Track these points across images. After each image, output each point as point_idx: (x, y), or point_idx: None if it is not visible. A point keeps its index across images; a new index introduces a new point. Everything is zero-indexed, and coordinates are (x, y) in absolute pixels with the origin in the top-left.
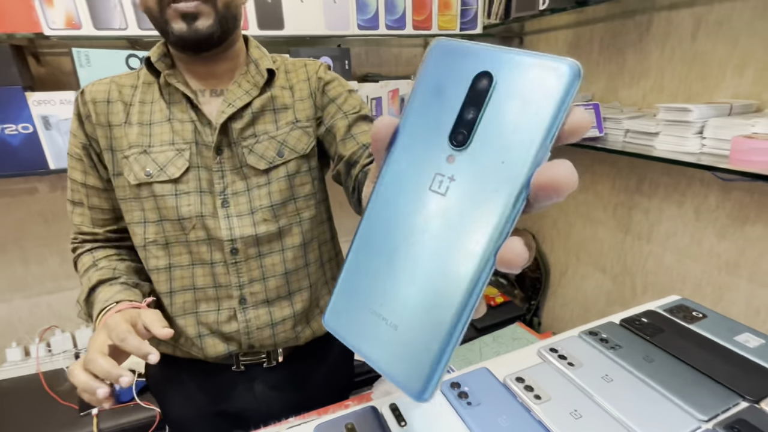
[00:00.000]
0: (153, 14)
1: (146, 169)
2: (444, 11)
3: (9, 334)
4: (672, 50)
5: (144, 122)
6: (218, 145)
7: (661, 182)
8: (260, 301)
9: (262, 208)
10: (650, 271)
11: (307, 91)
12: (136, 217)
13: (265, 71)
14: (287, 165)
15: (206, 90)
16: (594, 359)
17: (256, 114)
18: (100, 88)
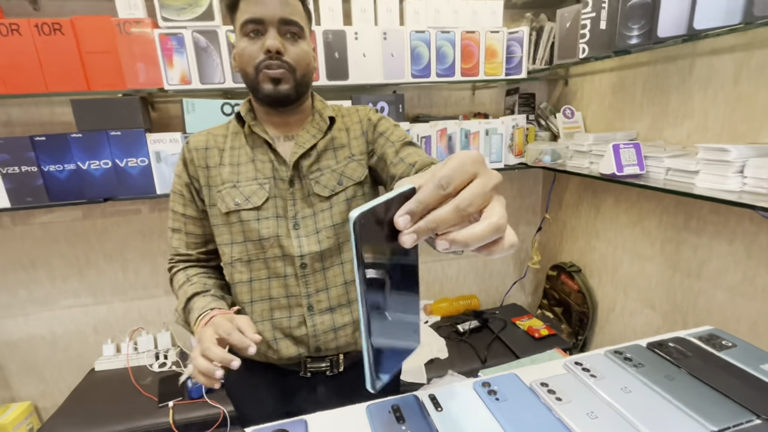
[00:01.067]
0: (248, 76)
1: (235, 199)
2: (490, 59)
3: (106, 332)
4: (715, 93)
5: (233, 163)
6: (291, 178)
7: (709, 220)
8: (324, 309)
9: (325, 227)
10: (702, 309)
11: (360, 130)
12: (225, 239)
13: (327, 119)
14: (346, 191)
15: (281, 136)
16: (615, 373)
17: (320, 153)
18: (200, 138)
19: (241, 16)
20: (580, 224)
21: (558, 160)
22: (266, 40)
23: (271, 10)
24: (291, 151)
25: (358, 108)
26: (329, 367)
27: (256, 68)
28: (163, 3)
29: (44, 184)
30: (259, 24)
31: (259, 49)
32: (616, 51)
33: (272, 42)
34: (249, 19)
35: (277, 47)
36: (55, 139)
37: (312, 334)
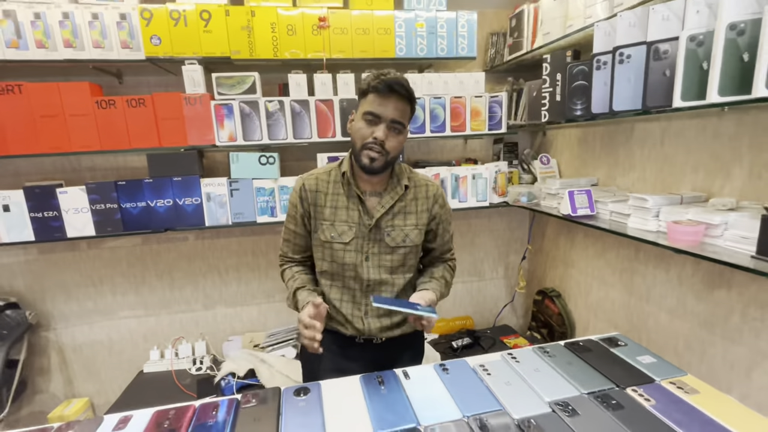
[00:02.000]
0: (356, 146)
1: (331, 234)
2: (475, 118)
3: (153, 340)
4: (649, 151)
5: (332, 206)
6: (370, 227)
7: (651, 253)
8: (374, 315)
9: (386, 266)
10: (651, 329)
11: (426, 206)
12: (318, 256)
13: (404, 187)
14: (406, 248)
15: (367, 191)
16: (533, 360)
17: (395, 213)
18: (311, 182)
19: (366, 105)
20: (559, 254)
21: (534, 201)
22: (377, 130)
23: (387, 111)
24: (376, 208)
25: (428, 183)
26: (375, 338)
27: (363, 145)
28: (219, 81)
29: (121, 218)
30: (376, 117)
31: (370, 134)
32: (567, 120)
33: (381, 134)
34: (371, 111)
35: (383, 139)
36: (133, 184)
37: (367, 329)
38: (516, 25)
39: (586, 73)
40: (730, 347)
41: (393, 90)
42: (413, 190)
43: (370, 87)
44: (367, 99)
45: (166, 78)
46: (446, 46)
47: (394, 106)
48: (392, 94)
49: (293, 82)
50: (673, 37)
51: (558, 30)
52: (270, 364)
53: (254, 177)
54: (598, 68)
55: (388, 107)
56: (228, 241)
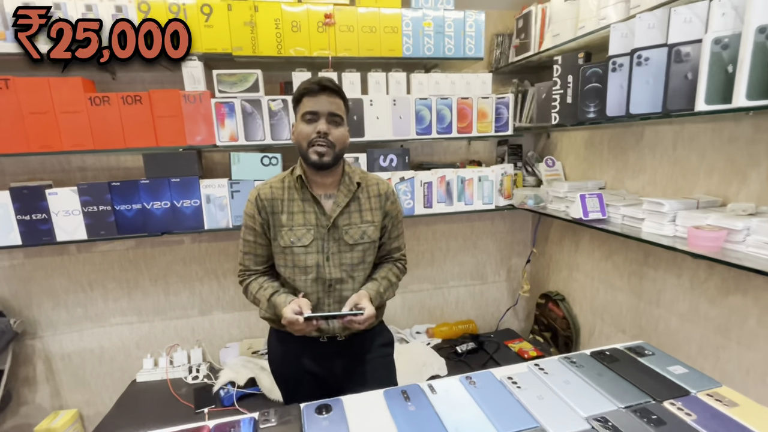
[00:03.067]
0: (302, 148)
1: (290, 239)
2: (482, 120)
3: (147, 348)
4: (660, 155)
5: (289, 212)
6: (329, 227)
7: (662, 257)
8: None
9: (346, 264)
10: (661, 333)
11: (379, 204)
12: (280, 263)
13: (356, 183)
14: (364, 244)
15: (322, 194)
16: (562, 371)
17: (351, 212)
18: (266, 190)
19: (302, 108)
20: (563, 258)
21: (540, 204)
22: (319, 124)
23: (323, 106)
24: (331, 208)
25: (378, 182)
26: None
27: (309, 143)
28: (220, 79)
29: (115, 220)
30: (314, 114)
31: (312, 131)
32: (579, 122)
33: (322, 126)
34: (309, 111)
35: (325, 130)
36: (127, 185)
37: (331, 328)
38: (523, 26)
39: (600, 75)
40: (746, 352)
41: (324, 87)
42: (365, 188)
43: (303, 91)
44: (303, 103)
45: (162, 74)
46: (453, 46)
47: (328, 101)
48: (324, 92)
49: (297, 80)
50: (696, 40)
51: (568, 32)
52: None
53: (256, 178)
54: (613, 70)
55: (322, 103)
56: (226, 245)
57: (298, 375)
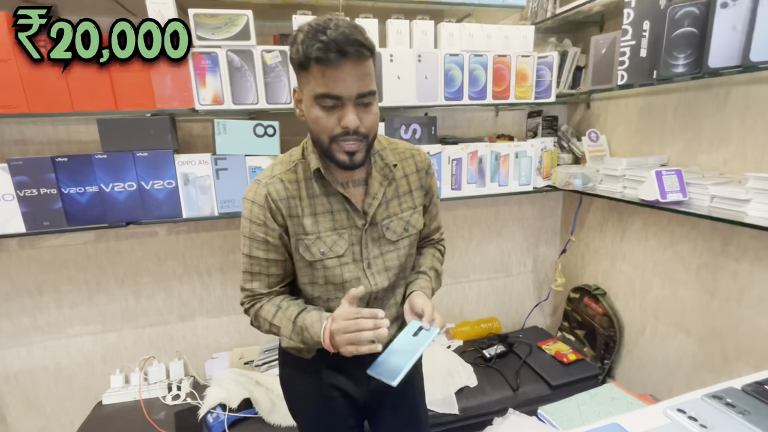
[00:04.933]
0: (321, 143)
1: (320, 249)
2: (521, 83)
3: (115, 362)
4: (753, 121)
5: (313, 213)
6: (366, 226)
7: (750, 246)
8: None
9: (393, 266)
10: (744, 336)
11: (418, 182)
12: (306, 280)
13: (392, 166)
14: (410, 237)
15: (348, 181)
16: (724, 422)
17: (389, 200)
18: (278, 187)
19: (315, 85)
20: (604, 246)
21: (588, 184)
22: (345, 116)
23: (349, 87)
24: (365, 201)
25: (413, 153)
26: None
27: (332, 138)
28: (198, 21)
29: (63, 208)
30: (336, 99)
31: (336, 123)
32: (660, 79)
33: (351, 121)
34: (326, 94)
35: (356, 125)
36: (78, 160)
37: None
38: None
39: (697, 16)
40: None
41: (347, 54)
42: (401, 164)
43: (312, 58)
44: (311, 74)
45: (120, 15)
46: None
47: (354, 75)
48: (347, 60)
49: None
50: None
51: None
52: (268, 387)
53: (248, 153)
54: (724, 6)
55: (346, 80)
56: (210, 236)
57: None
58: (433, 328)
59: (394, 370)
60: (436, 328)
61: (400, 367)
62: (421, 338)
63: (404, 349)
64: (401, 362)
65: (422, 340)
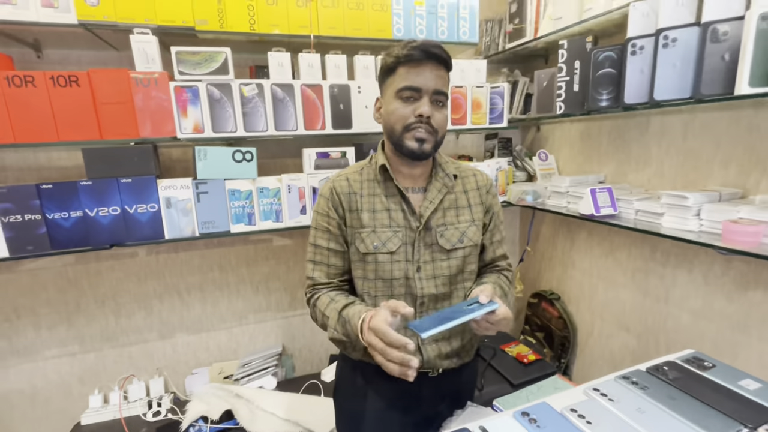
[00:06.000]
0: (395, 132)
1: (374, 243)
2: (476, 110)
3: (93, 382)
4: (668, 146)
5: (370, 209)
6: (420, 228)
7: (671, 252)
8: (432, 341)
9: (442, 275)
10: (671, 330)
11: (479, 198)
12: (359, 274)
13: (452, 176)
14: (464, 249)
15: (409, 187)
16: (628, 396)
17: (446, 209)
18: (342, 183)
19: (399, 81)
20: (557, 255)
21: (538, 199)
22: (421, 106)
23: (428, 81)
24: (422, 205)
25: (475, 173)
26: (431, 370)
27: (405, 127)
28: (180, 58)
29: (47, 232)
30: (415, 91)
31: (411, 112)
32: (588, 111)
33: (426, 109)
34: (408, 86)
35: (429, 114)
36: (62, 187)
37: (426, 359)
38: (517, 11)
39: (614, 60)
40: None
41: (431, 55)
42: (461, 180)
43: (402, 58)
44: (398, 74)
45: (105, 54)
46: (447, 29)
47: (435, 74)
48: (430, 61)
49: (274, 61)
50: (737, 17)
51: (572, 15)
52: (248, 399)
53: (227, 177)
54: (633, 53)
55: (427, 77)
56: (189, 255)
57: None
58: (492, 303)
59: (428, 327)
60: (495, 303)
61: (434, 325)
62: (473, 309)
63: (451, 314)
64: (439, 322)
65: (472, 310)
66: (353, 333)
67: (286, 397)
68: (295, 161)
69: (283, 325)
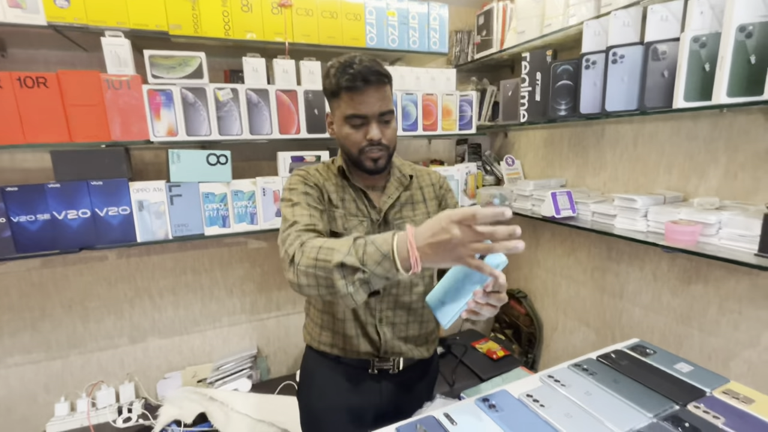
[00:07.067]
0: (351, 155)
1: (345, 225)
2: (446, 117)
3: (59, 390)
4: (621, 152)
5: (340, 198)
6: (379, 222)
7: (625, 251)
8: (389, 323)
9: None
10: (625, 324)
11: (433, 193)
12: None
13: (408, 176)
14: None
15: (369, 187)
16: (578, 382)
17: (402, 204)
18: (312, 172)
19: (345, 108)
20: (524, 255)
21: (505, 202)
22: (370, 131)
23: (372, 107)
24: (381, 201)
25: (429, 172)
26: (392, 366)
27: (360, 150)
28: (153, 62)
29: (12, 236)
30: (362, 118)
31: (363, 137)
32: (549, 120)
33: (376, 133)
34: (354, 114)
35: (379, 137)
36: (28, 189)
37: (383, 339)
38: (484, 23)
39: (571, 72)
40: (707, 339)
41: (370, 81)
42: (417, 179)
43: (342, 87)
44: (342, 100)
45: (73, 54)
46: (418, 39)
47: (376, 97)
48: (370, 86)
49: (249, 66)
50: (673, 38)
51: (534, 29)
52: (222, 402)
53: (201, 180)
54: (587, 68)
55: (370, 103)
56: (161, 258)
57: (333, 413)
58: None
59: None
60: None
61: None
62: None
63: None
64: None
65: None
66: (378, 252)
67: (261, 398)
68: (270, 164)
69: (258, 327)
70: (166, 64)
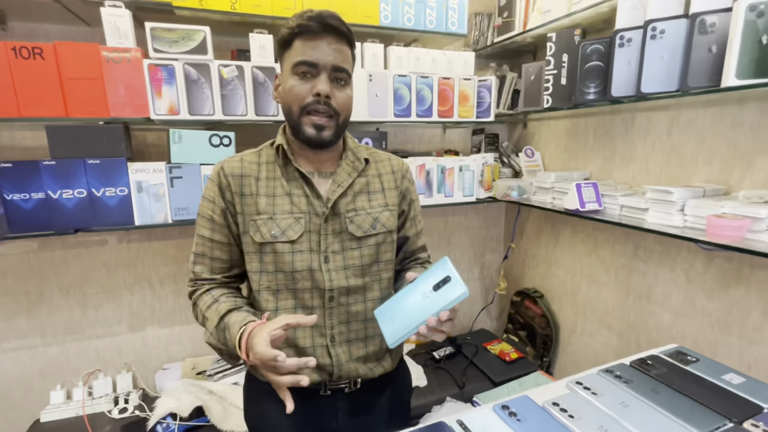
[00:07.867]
0: (292, 114)
1: (272, 231)
2: (463, 103)
3: (55, 377)
4: (653, 142)
5: (269, 194)
6: (326, 214)
7: (654, 249)
8: (344, 341)
9: (353, 266)
10: (652, 329)
11: (394, 183)
12: (255, 267)
13: (363, 160)
14: (377, 236)
15: (315, 172)
16: (611, 390)
17: (356, 193)
18: (234, 164)
19: (294, 55)
20: (541, 253)
21: (524, 195)
22: (318, 83)
23: (326, 56)
24: (329, 189)
25: (390, 157)
26: (348, 385)
27: (302, 108)
28: (155, 35)
29: (5, 214)
30: (312, 67)
31: (309, 91)
32: (575, 104)
33: (323, 87)
34: (303, 61)
35: (327, 92)
36: (22, 166)
37: (336, 363)
38: (506, 4)
39: (603, 52)
40: (748, 347)
41: (329, 27)
42: (375, 165)
43: (297, 29)
44: (294, 47)
45: (75, 29)
46: (435, 19)
47: (332, 48)
48: (327, 34)
49: (256, 43)
50: (725, 8)
51: (561, 7)
52: (221, 395)
53: (203, 162)
54: (621, 46)
55: (325, 51)
56: (163, 245)
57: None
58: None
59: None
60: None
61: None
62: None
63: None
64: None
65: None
66: (231, 343)
67: None
68: None
69: None
70: (169, 38)
